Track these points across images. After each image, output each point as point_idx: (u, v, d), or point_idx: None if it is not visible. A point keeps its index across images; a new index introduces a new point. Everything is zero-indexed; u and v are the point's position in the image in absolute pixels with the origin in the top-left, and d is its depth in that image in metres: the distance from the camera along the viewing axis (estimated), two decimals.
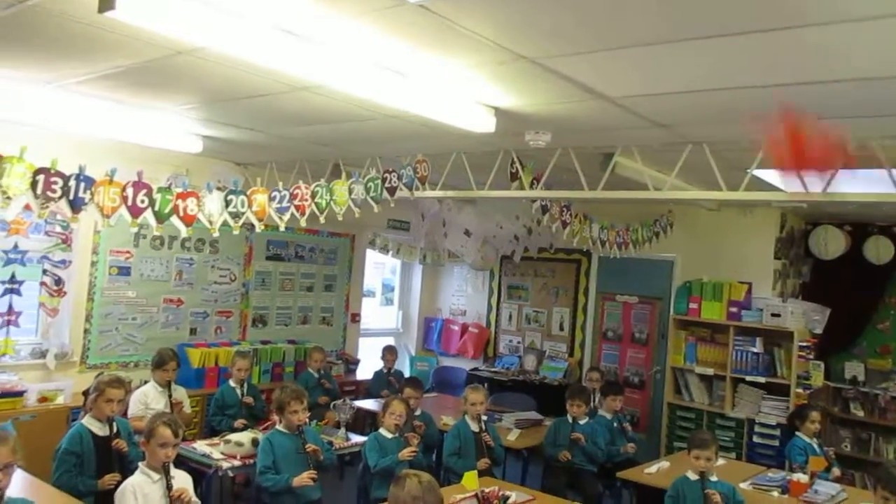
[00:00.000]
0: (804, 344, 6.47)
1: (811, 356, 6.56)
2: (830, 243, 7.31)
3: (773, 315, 6.49)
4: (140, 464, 3.59)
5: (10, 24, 3.01)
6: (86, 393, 4.55)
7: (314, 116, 4.48)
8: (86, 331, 5.92)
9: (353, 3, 2.52)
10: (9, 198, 3.55)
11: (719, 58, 2.84)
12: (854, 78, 2.94)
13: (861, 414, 7.01)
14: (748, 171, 4.36)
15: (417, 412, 5.51)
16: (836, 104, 3.33)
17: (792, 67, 2.88)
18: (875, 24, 2.33)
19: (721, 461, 4.89)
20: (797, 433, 5.27)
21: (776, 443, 6.25)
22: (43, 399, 5.24)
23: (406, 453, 4.61)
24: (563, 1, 2.37)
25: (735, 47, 2.68)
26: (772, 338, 6.54)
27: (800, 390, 6.32)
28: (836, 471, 5.11)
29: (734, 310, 6.71)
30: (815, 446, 5.19)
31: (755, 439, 6.41)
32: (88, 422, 4.06)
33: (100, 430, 4.04)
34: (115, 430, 4.07)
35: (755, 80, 3.09)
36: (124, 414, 4.60)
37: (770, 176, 5.03)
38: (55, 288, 5.70)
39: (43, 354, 5.63)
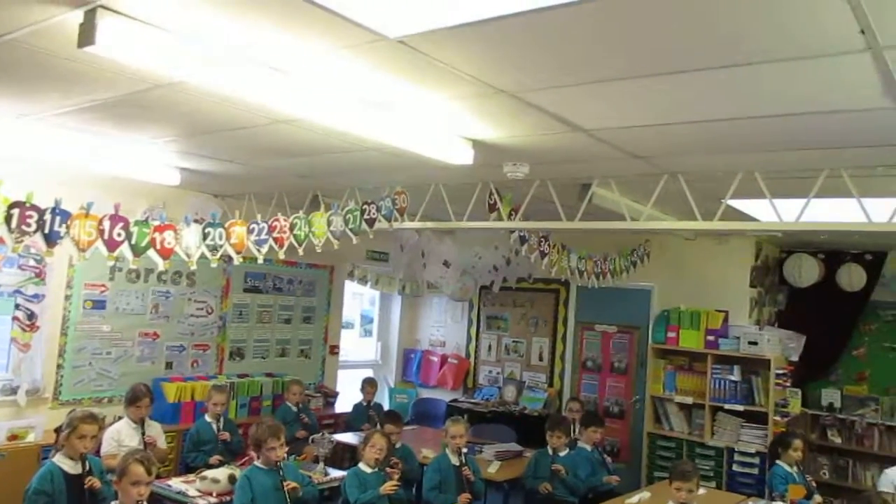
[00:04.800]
0: (781, 371, 6.52)
1: (788, 384, 6.62)
2: (804, 271, 7.41)
3: (750, 343, 6.54)
4: (113, 503, 3.51)
5: None
6: (58, 430, 4.45)
7: (293, 149, 4.49)
8: (59, 366, 5.80)
9: (332, 37, 2.54)
10: None
11: (692, 91, 2.90)
12: (821, 111, 3.01)
13: (839, 441, 7.06)
14: (723, 200, 4.43)
15: (397, 445, 5.45)
16: (807, 136, 3.40)
17: (762, 100, 2.94)
18: (841, 59, 2.40)
19: (702, 491, 4.88)
20: (778, 461, 5.28)
21: (756, 471, 6.27)
22: (13, 437, 5.11)
23: (387, 487, 4.56)
24: (538, 37, 2.41)
25: (707, 81, 2.74)
26: (749, 366, 6.58)
27: (778, 418, 6.36)
28: (818, 497, 5.12)
29: (712, 338, 6.75)
30: (796, 475, 5.20)
31: (735, 468, 6.41)
32: (60, 460, 3.96)
33: (72, 468, 3.95)
34: (87, 467, 3.97)
35: (727, 112, 3.16)
36: (97, 452, 4.50)
37: (744, 206, 5.12)
38: (28, 322, 5.60)
39: (14, 391, 5.50)
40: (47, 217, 3.75)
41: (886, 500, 4.10)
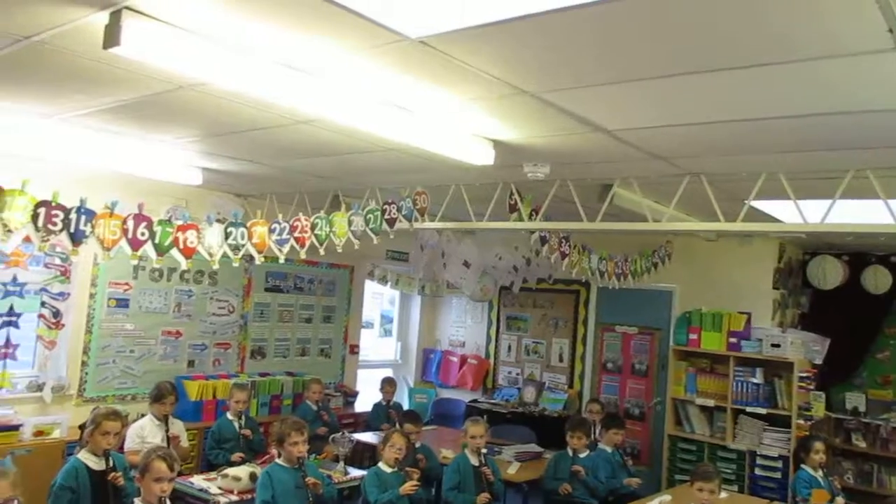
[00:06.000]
0: (804, 374, 6.43)
1: (812, 387, 6.53)
2: (829, 273, 7.32)
3: (773, 345, 6.47)
4: (136, 499, 3.55)
5: (16, 60, 3.04)
6: (82, 426, 4.51)
7: (315, 149, 4.51)
8: (83, 363, 5.88)
9: (354, 38, 2.55)
10: (10, 231, 3.56)
11: (715, 91, 2.87)
12: (848, 111, 2.97)
13: (863, 445, 6.96)
14: (746, 201, 4.39)
15: (417, 445, 5.46)
16: (832, 136, 3.36)
17: (787, 100, 2.91)
18: (868, 58, 2.37)
19: (724, 494, 4.85)
20: (803, 465, 5.22)
21: (779, 475, 6.20)
22: (39, 433, 5.18)
23: (408, 487, 4.56)
24: (560, 37, 2.41)
25: (731, 81, 2.71)
26: (772, 368, 6.51)
27: (801, 421, 6.28)
28: (840, 500, 5.06)
29: (734, 340, 6.69)
30: (820, 479, 5.14)
31: (757, 471, 6.34)
32: (84, 456, 4.01)
33: (96, 464, 4.00)
34: (111, 464, 4.02)
35: (751, 112, 3.12)
36: (120, 448, 4.55)
37: (768, 206, 5.07)
38: (53, 320, 5.68)
39: (40, 388, 5.59)
40: (73, 216, 3.80)
41: None
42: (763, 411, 6.43)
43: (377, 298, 9.58)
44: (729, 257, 7.04)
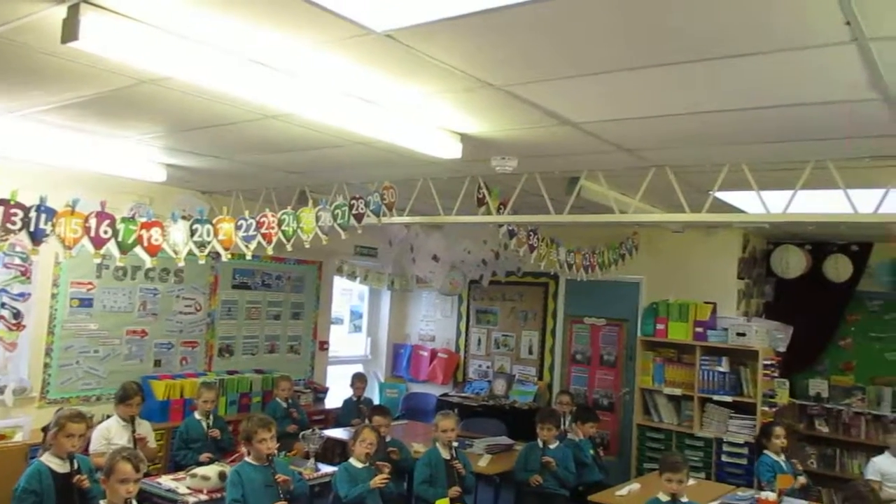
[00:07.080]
0: (769, 362, 6.56)
1: (776, 374, 6.66)
2: (791, 262, 7.46)
3: (738, 334, 6.58)
4: (101, 502, 3.49)
5: None
6: (45, 429, 4.42)
7: (281, 144, 4.47)
8: (46, 365, 5.76)
9: (319, 32, 2.53)
10: None
11: (679, 84, 2.90)
12: (807, 103, 3.02)
13: (826, 430, 7.12)
14: (710, 193, 4.45)
15: (388, 439, 5.46)
16: (794, 127, 3.42)
17: (748, 92, 2.95)
18: (827, 50, 2.41)
19: (691, 481, 4.92)
20: (765, 451, 5.34)
21: (745, 461, 6.31)
22: (0, 437, 5.08)
23: (377, 481, 4.56)
24: (527, 29, 2.41)
25: (694, 73, 2.75)
26: (737, 357, 6.62)
27: (766, 408, 6.40)
28: (802, 479, 5.19)
29: (700, 330, 6.79)
30: (783, 463, 5.25)
31: (724, 458, 6.46)
32: (48, 459, 3.94)
33: (60, 466, 3.92)
34: (75, 466, 3.95)
35: (714, 105, 3.16)
36: (86, 451, 4.48)
37: (732, 198, 5.15)
38: (13, 322, 5.55)
39: (0, 390, 5.46)
40: (32, 215, 3.72)
41: (873, 489, 4.15)
42: (729, 399, 6.54)
43: (346, 294, 9.53)
44: (694, 248, 7.13)
